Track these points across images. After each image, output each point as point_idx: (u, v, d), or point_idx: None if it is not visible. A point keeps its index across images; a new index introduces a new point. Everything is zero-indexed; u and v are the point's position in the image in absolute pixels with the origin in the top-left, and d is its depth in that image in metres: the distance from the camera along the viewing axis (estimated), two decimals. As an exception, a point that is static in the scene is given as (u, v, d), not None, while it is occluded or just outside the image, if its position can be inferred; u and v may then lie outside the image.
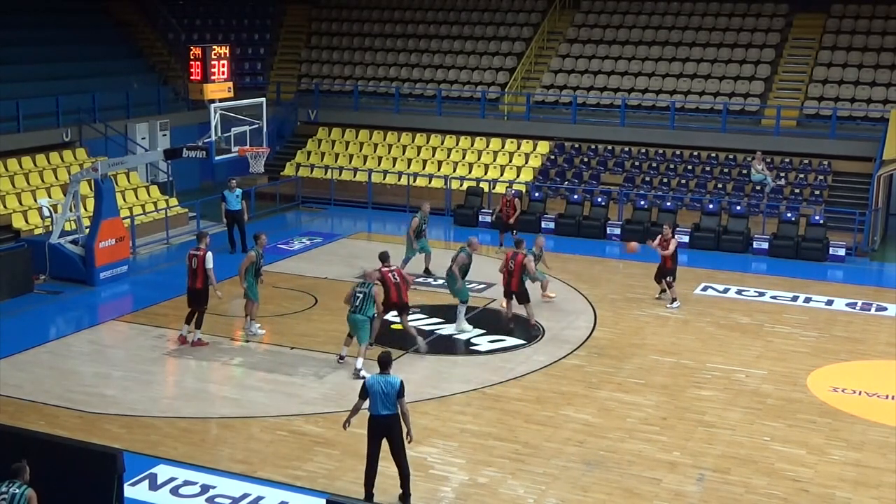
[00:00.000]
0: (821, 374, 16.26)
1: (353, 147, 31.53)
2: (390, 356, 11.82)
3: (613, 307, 19.68)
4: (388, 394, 11.39)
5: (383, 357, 11.71)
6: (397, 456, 11.62)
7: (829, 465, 13.04)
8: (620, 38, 32.39)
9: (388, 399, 11.39)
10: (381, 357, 11.72)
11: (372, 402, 11.46)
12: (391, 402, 11.41)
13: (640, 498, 12.07)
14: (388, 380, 11.47)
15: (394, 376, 11.55)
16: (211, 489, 12.13)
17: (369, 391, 11.44)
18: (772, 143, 27.77)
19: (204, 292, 16.87)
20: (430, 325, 18.31)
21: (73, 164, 26.20)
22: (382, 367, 11.60)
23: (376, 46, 35.02)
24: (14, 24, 29.53)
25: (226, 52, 30.07)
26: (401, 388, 11.44)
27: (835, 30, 30.69)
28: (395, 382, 11.45)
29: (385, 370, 11.57)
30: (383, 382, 11.45)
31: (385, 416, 11.44)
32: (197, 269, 16.81)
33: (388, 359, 11.72)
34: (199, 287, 16.87)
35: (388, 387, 11.42)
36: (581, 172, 28.65)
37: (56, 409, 14.45)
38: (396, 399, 11.43)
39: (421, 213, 21.47)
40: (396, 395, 11.41)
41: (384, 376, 11.51)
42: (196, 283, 16.87)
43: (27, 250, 20.48)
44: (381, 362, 11.66)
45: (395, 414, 11.47)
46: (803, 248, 23.83)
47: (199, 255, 16.84)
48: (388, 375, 11.53)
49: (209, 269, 16.76)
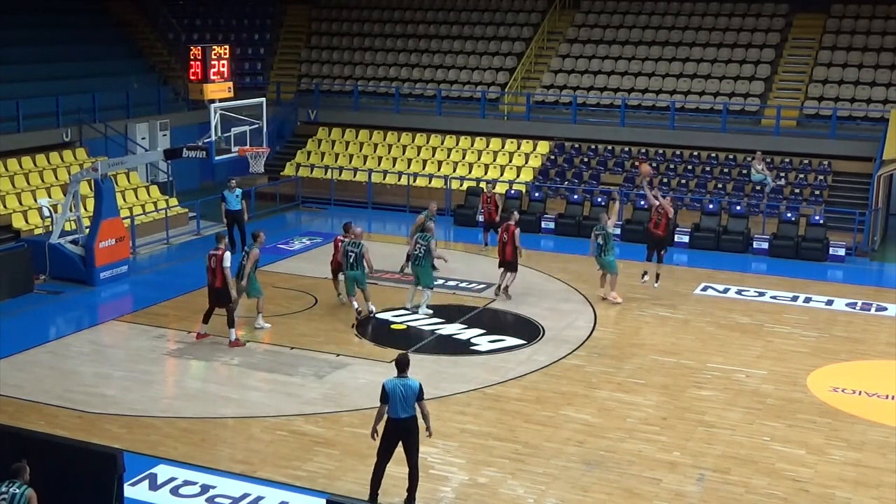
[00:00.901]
0: (821, 374, 16.26)
1: (353, 147, 31.53)
2: (408, 358, 11.66)
3: (613, 307, 19.68)
4: (408, 397, 11.27)
5: (401, 359, 11.56)
6: (411, 459, 11.53)
7: (829, 465, 13.04)
8: (620, 38, 32.39)
9: (407, 402, 11.28)
10: (400, 359, 11.58)
11: (391, 406, 11.32)
12: (410, 405, 11.31)
13: (640, 498, 12.07)
14: (406, 383, 11.34)
15: (412, 379, 11.44)
16: (211, 489, 12.13)
17: (389, 395, 11.30)
18: (772, 143, 27.77)
19: (225, 291, 17.05)
20: (430, 326, 18.32)
21: (73, 164, 26.20)
22: (400, 370, 11.46)
23: (376, 46, 35.02)
24: (14, 24, 29.53)
25: (226, 52, 30.11)
26: (420, 391, 11.34)
27: (835, 30, 30.68)
28: (414, 385, 11.32)
29: (403, 372, 11.44)
30: (402, 385, 11.32)
31: (404, 419, 11.33)
32: (216, 269, 17.01)
33: (406, 360, 11.57)
34: (220, 286, 17.05)
35: (408, 390, 11.29)
36: (581, 172, 28.65)
37: (56, 409, 14.45)
38: (416, 402, 11.33)
39: (427, 211, 21.04)
40: (416, 397, 11.30)
41: (402, 379, 11.37)
42: (216, 282, 17.08)
43: (27, 250, 20.48)
44: (400, 364, 11.51)
45: (414, 416, 11.38)
46: (803, 248, 23.83)
47: (217, 255, 17.01)
48: (407, 378, 11.40)
49: (226, 268, 16.92)
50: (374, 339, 17.63)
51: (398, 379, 11.39)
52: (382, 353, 16.87)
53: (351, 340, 17.51)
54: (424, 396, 11.44)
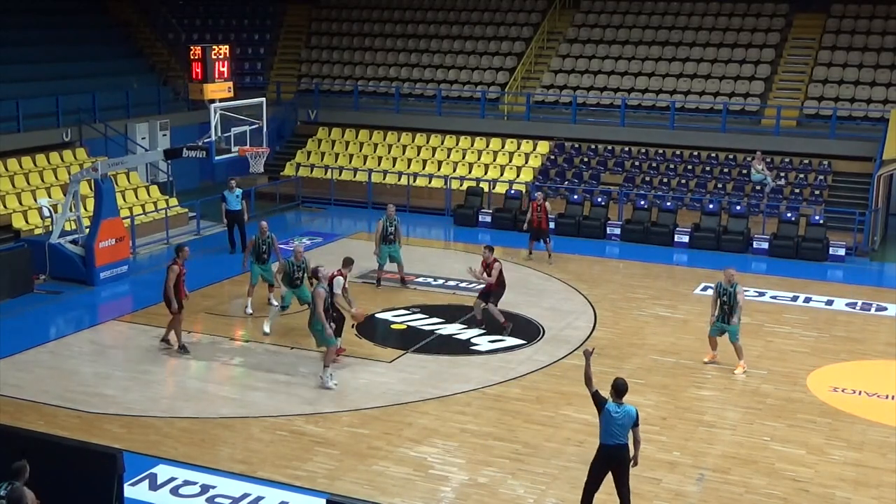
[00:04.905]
0: (821, 374, 16.26)
1: (353, 147, 31.53)
2: (626, 383, 11.06)
3: (613, 307, 19.69)
4: (625, 425, 10.89)
5: (620, 385, 10.98)
6: (623, 486, 11.11)
7: (829, 465, 13.05)
8: (620, 38, 32.39)
9: (623, 430, 10.92)
10: (618, 384, 10.98)
11: (606, 432, 10.92)
12: (626, 432, 10.95)
13: (640, 498, 12.06)
14: (625, 409, 10.91)
15: (629, 405, 10.99)
16: (211, 489, 12.13)
17: (605, 419, 10.87)
18: (772, 143, 27.78)
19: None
20: (430, 326, 18.32)
21: (73, 164, 26.20)
22: (618, 395, 10.94)
23: (376, 46, 35.02)
24: (14, 24, 29.54)
25: (226, 52, 30.05)
26: (637, 418, 11.00)
27: (835, 30, 30.68)
28: (632, 412, 10.96)
29: (620, 398, 10.93)
30: (621, 412, 10.87)
31: (618, 446, 10.91)
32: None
33: (625, 386, 11.01)
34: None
35: (626, 417, 10.88)
36: (581, 172, 28.65)
37: (56, 409, 14.45)
38: (631, 429, 11.00)
39: (386, 215, 20.55)
40: (633, 424, 10.98)
41: (620, 405, 10.90)
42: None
43: (27, 250, 20.48)
44: (619, 390, 10.95)
45: (626, 445, 10.98)
46: (803, 248, 23.83)
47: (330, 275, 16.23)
48: (625, 405, 10.94)
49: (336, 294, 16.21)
50: (374, 339, 17.62)
51: (615, 404, 10.90)
52: (382, 352, 16.88)
53: (351, 340, 17.51)
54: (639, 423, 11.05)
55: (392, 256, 20.50)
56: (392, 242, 20.42)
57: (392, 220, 20.42)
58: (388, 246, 20.41)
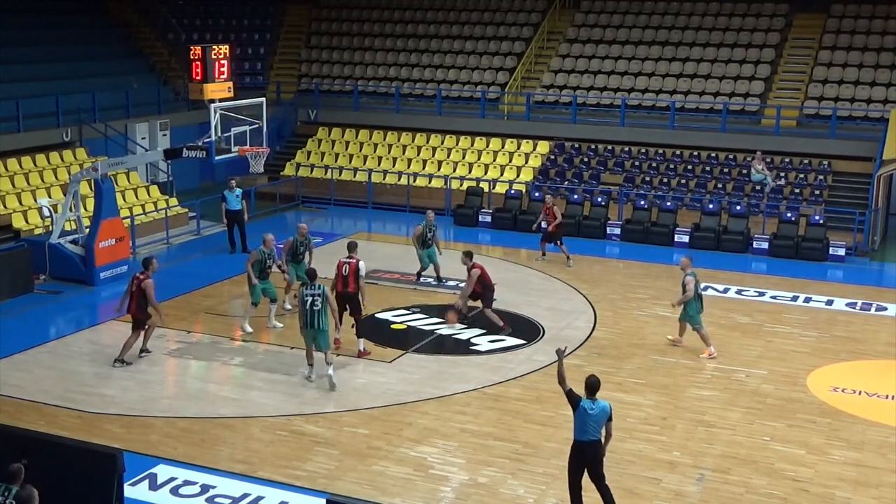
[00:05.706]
0: (821, 374, 16.26)
1: (353, 147, 31.53)
2: (598, 380, 11.14)
3: (613, 307, 19.68)
4: (599, 420, 10.98)
5: (593, 382, 11.07)
6: (600, 482, 11.18)
7: (829, 465, 13.05)
8: (620, 38, 32.40)
9: (598, 426, 11.00)
10: (591, 381, 11.08)
11: (581, 428, 11.01)
12: (600, 428, 11.02)
13: (640, 498, 12.07)
14: (600, 405, 11.01)
15: (603, 401, 11.08)
16: (211, 489, 12.13)
17: (580, 416, 10.96)
18: (772, 143, 27.77)
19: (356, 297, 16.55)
20: (430, 325, 18.32)
21: (73, 164, 26.20)
22: (592, 392, 11.04)
23: (376, 46, 35.03)
24: (14, 24, 29.53)
25: (226, 52, 30.04)
26: (610, 413, 11.08)
27: (835, 30, 30.68)
28: (606, 408, 11.05)
29: (593, 395, 11.02)
30: (596, 408, 10.97)
31: (592, 442, 11.02)
32: (349, 277, 16.44)
33: (598, 383, 11.10)
34: (353, 291, 16.49)
35: (601, 413, 10.99)
36: (581, 172, 28.65)
37: (56, 408, 14.45)
38: (605, 424, 11.05)
39: (426, 220, 20.96)
40: (607, 419, 11.05)
41: (595, 402, 11.00)
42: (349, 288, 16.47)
43: (27, 250, 20.47)
44: (592, 387, 11.05)
45: (600, 440, 11.09)
46: (803, 248, 23.83)
47: (351, 264, 16.50)
48: (599, 400, 11.04)
49: (362, 277, 16.53)
50: (374, 339, 17.61)
51: (588, 401, 11.00)
52: (382, 352, 16.87)
53: (351, 340, 17.49)
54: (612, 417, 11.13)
55: (430, 258, 20.94)
56: (430, 246, 20.82)
57: (431, 226, 20.81)
58: (427, 249, 20.83)
